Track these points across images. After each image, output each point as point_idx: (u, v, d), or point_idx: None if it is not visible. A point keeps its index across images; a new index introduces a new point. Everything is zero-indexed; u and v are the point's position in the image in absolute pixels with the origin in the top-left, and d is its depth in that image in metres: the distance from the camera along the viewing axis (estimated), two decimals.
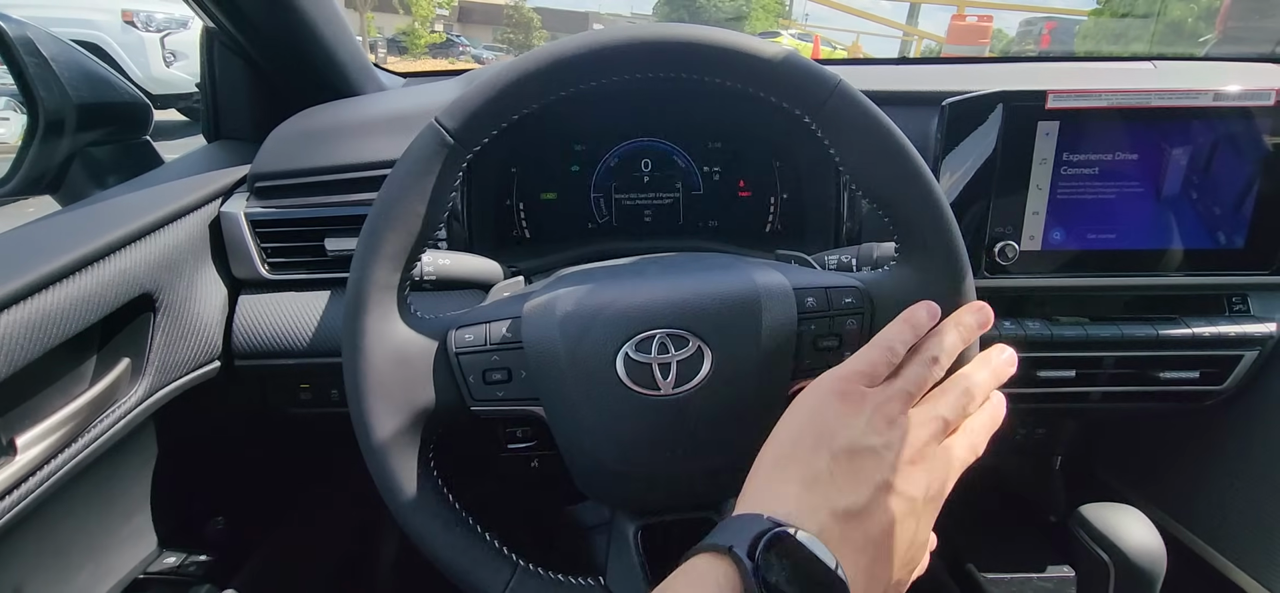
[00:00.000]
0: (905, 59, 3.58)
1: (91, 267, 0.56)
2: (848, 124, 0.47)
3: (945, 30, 9.60)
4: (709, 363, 0.47)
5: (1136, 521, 0.62)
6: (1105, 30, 9.69)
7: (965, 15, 9.33)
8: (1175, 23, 7.29)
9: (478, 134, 0.47)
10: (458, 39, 21.85)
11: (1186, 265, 0.72)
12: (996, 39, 11.41)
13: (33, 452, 0.51)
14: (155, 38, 6.60)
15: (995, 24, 12.03)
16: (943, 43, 11.02)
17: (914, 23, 14.11)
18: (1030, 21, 14.18)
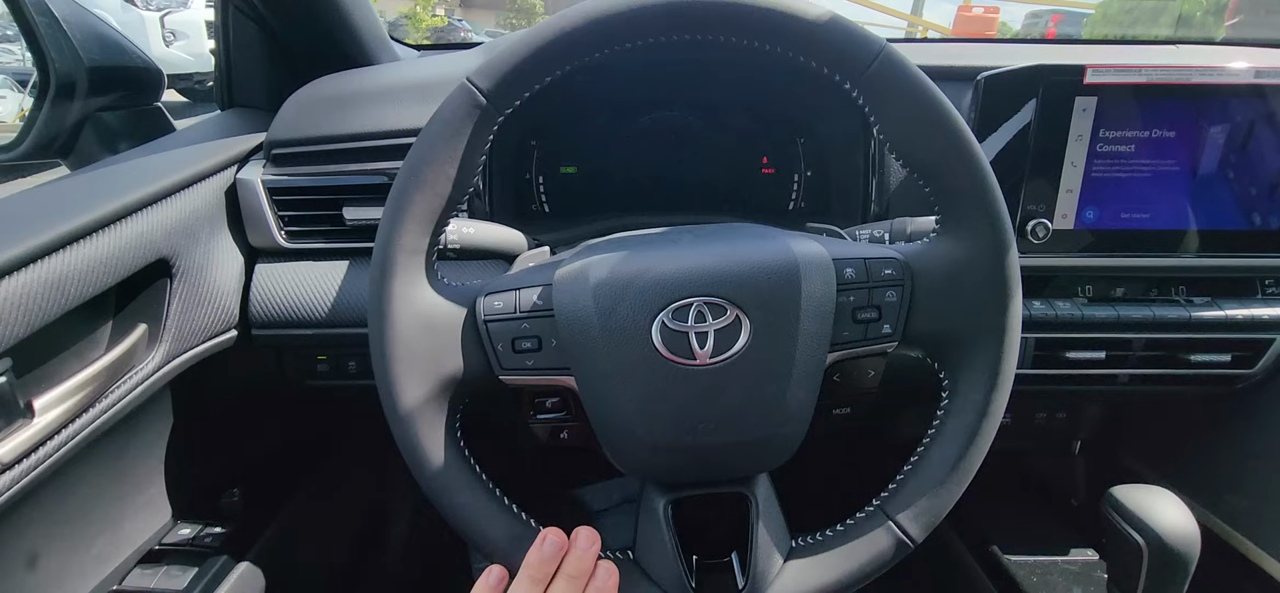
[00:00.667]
0: (913, 39, 3.55)
1: (108, 228, 0.54)
2: (892, 90, 0.45)
3: (951, 22, 9.56)
4: (747, 333, 0.46)
5: (1170, 503, 0.61)
6: (1113, 23, 9.64)
7: (972, 6, 9.29)
8: (1183, 17, 7.24)
9: (511, 95, 0.45)
10: (460, 23, 21.70)
11: (1220, 246, 0.71)
12: (1002, 32, 11.36)
13: (51, 415, 0.50)
14: (155, 16, 6.55)
15: (1001, 17, 11.97)
16: (948, 33, 10.96)
17: (919, 13, 14.04)
18: (1036, 13, 14.10)
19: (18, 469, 0.47)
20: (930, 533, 0.49)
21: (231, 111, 0.84)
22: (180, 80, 6.35)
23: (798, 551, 0.50)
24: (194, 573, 0.67)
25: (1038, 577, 0.79)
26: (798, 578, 0.49)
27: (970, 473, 0.48)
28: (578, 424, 0.52)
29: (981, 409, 0.48)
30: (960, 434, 0.48)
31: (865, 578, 0.49)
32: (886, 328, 0.49)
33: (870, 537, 0.49)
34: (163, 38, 6.49)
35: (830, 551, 0.49)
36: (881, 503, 0.50)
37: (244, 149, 0.72)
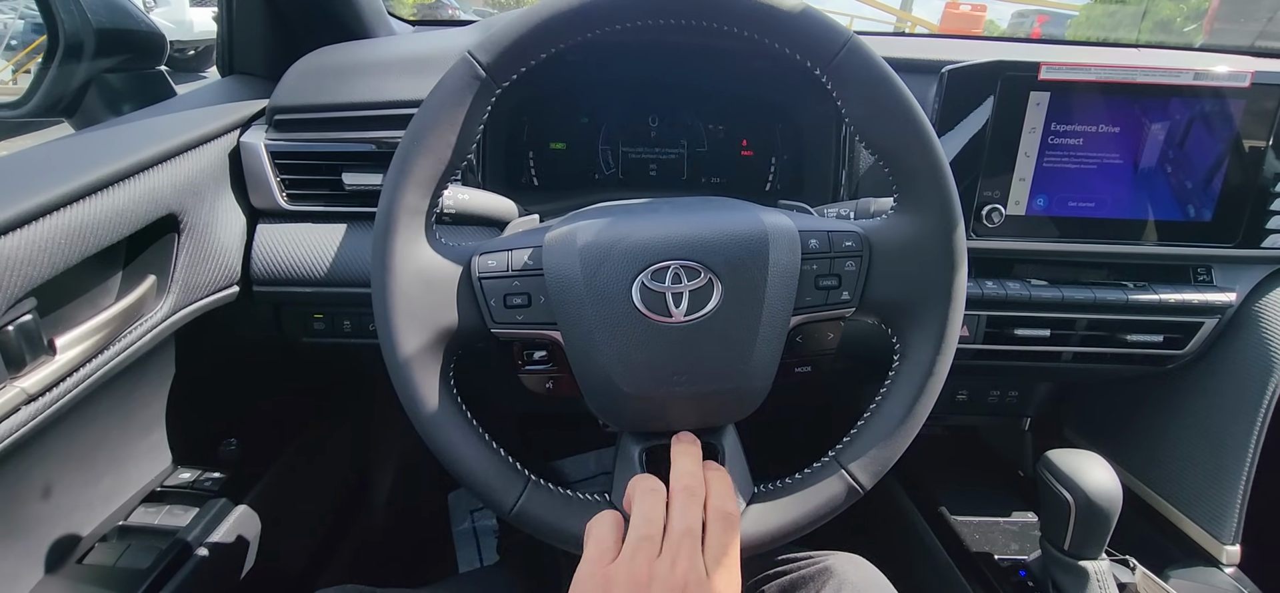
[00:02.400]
0: (901, 33, 3.61)
1: (123, 183, 0.58)
2: (857, 77, 0.50)
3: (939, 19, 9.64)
4: (718, 294, 0.51)
5: (1096, 465, 0.67)
6: (1096, 25, 9.77)
7: (959, 4, 9.36)
8: (1164, 21, 7.36)
9: (509, 69, 0.49)
10: (447, 1, 21.34)
11: (1158, 235, 0.77)
12: (989, 30, 11.47)
13: (71, 353, 0.54)
14: None
15: (988, 15, 12.07)
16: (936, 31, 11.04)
17: (908, 10, 14.12)
18: (1022, 13, 14.21)
19: (41, 401, 0.51)
20: (883, 493, 0.54)
21: (232, 78, 0.87)
22: None
23: (759, 496, 0.55)
24: (194, 513, 0.71)
25: (981, 535, 0.86)
26: (757, 520, 0.54)
27: (916, 426, 0.53)
28: (563, 375, 0.56)
29: (928, 369, 0.53)
30: (908, 392, 0.53)
31: (818, 520, 0.54)
32: (845, 294, 0.54)
33: (824, 484, 0.54)
34: (143, 3, 6.35)
35: (788, 496, 0.54)
36: (835, 454, 0.55)
37: (247, 114, 0.75)
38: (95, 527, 0.66)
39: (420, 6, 9.82)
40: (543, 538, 0.54)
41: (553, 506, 0.54)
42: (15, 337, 0.48)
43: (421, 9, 8.62)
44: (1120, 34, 8.41)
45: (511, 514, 0.53)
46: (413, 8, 7.20)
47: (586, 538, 0.45)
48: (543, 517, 0.54)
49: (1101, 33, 9.22)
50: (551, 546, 0.54)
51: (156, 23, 3.16)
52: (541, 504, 0.54)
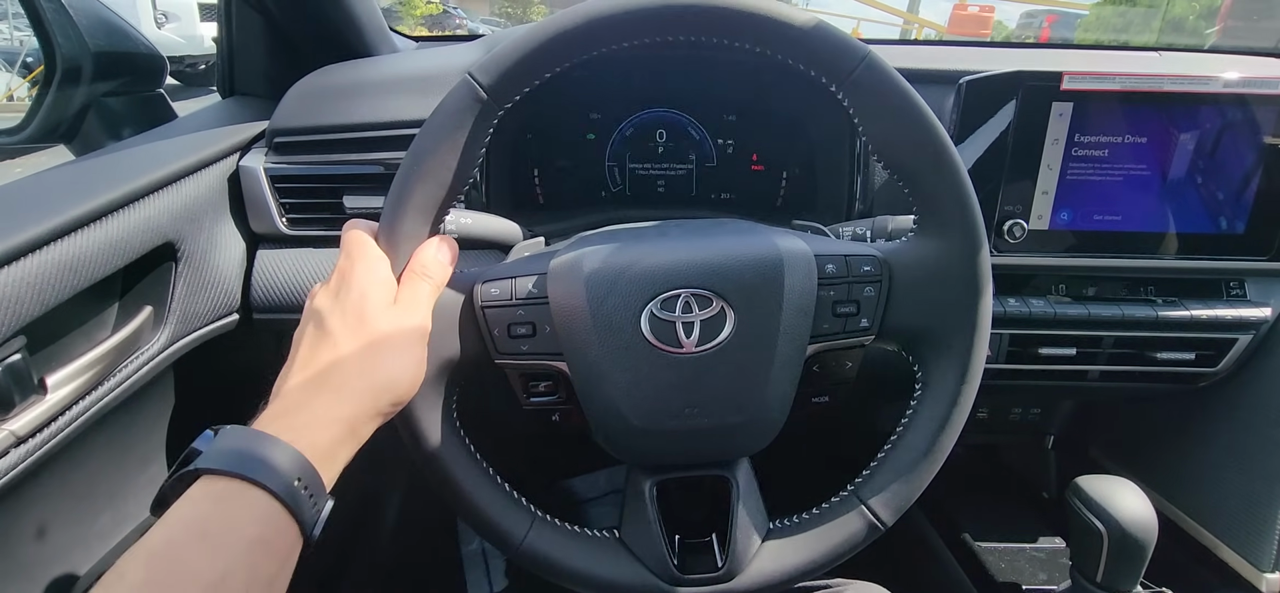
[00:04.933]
0: (905, 40, 3.58)
1: (118, 212, 0.56)
2: (874, 95, 0.48)
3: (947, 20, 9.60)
4: (732, 324, 0.49)
5: (1130, 492, 0.64)
6: (1106, 25, 9.70)
7: (967, 5, 9.32)
8: (1176, 20, 7.29)
9: (510, 90, 0.48)
10: (454, 11, 21.50)
11: (1188, 249, 0.74)
12: (997, 30, 11.41)
13: (62, 392, 0.52)
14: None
15: (996, 16, 12.01)
16: (944, 32, 10.99)
17: (915, 11, 14.05)
18: (1031, 14, 14.13)
19: (31, 443, 0.49)
20: (903, 519, 0.51)
21: (233, 100, 0.85)
22: (172, 63, 6.24)
23: (775, 532, 0.53)
24: None
25: (1006, 563, 0.83)
26: (774, 557, 0.52)
27: (939, 460, 0.51)
28: (569, 407, 0.54)
29: (952, 400, 0.50)
30: (931, 424, 0.51)
31: (838, 558, 0.52)
32: (864, 321, 0.51)
33: (843, 519, 0.51)
34: (154, 19, 6.42)
35: (805, 532, 0.52)
36: (855, 488, 0.52)
37: (246, 137, 0.74)
38: (92, 565, 0.64)
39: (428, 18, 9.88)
40: (550, 579, 0.52)
41: (560, 542, 0.52)
42: (3, 377, 0.47)
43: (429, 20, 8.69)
44: (1132, 34, 8.35)
45: (517, 553, 0.51)
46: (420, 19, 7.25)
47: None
48: (550, 555, 0.52)
49: (1112, 33, 9.15)
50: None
51: (169, 38, 3.20)
52: (548, 541, 0.52)
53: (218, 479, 0.33)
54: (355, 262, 0.45)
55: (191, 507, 0.33)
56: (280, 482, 0.34)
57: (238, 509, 0.33)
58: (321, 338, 0.42)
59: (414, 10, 17.26)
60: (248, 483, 0.33)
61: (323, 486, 0.37)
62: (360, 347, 0.41)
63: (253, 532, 0.33)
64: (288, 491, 0.34)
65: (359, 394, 0.40)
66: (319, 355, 0.41)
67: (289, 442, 0.36)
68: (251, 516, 0.33)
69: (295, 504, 0.34)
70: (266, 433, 0.36)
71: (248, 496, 0.33)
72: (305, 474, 0.35)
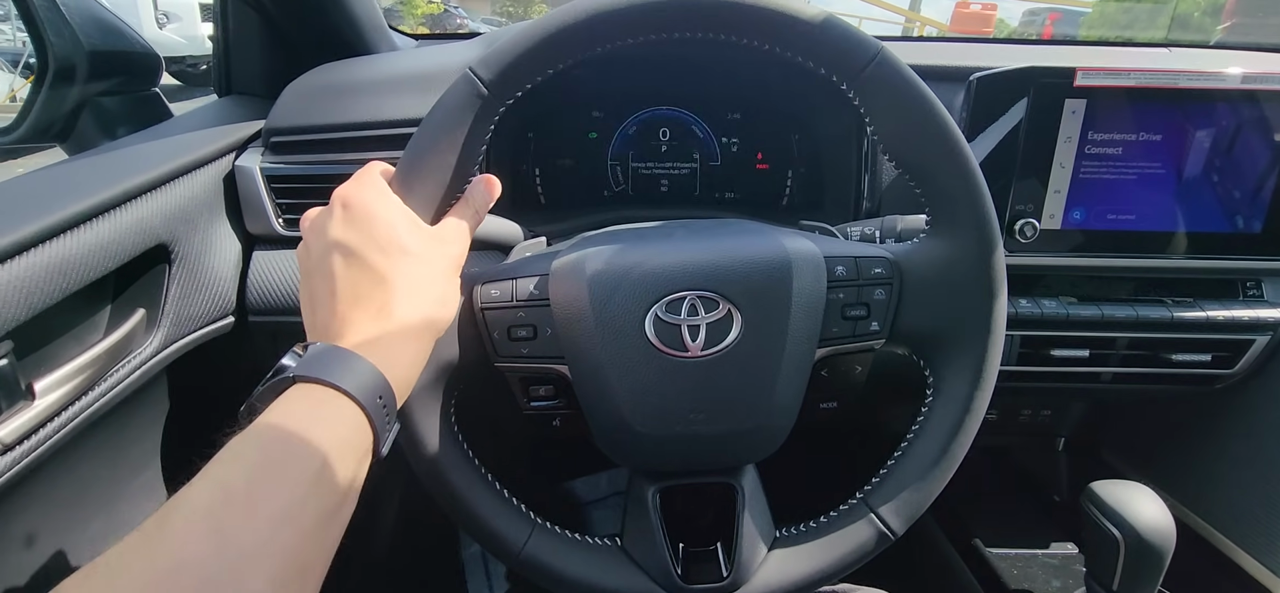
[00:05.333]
0: (909, 37, 3.56)
1: (109, 214, 0.55)
2: (886, 92, 0.46)
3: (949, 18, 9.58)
4: (738, 327, 0.47)
5: (1147, 498, 0.63)
6: (1111, 22, 9.66)
7: (970, 3, 9.29)
8: (1181, 17, 7.26)
9: (512, 86, 0.46)
10: (455, 10, 21.50)
11: (1203, 248, 0.73)
12: (999, 28, 11.36)
13: (50, 398, 0.51)
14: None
15: (999, 14, 11.96)
16: (946, 30, 10.97)
17: (917, 10, 14.00)
18: (1033, 11, 14.08)
19: (18, 451, 0.48)
20: (914, 526, 0.50)
21: (229, 99, 0.84)
22: (173, 63, 6.27)
23: (781, 541, 0.52)
24: None
25: (1019, 570, 0.81)
26: (780, 567, 0.51)
27: (952, 468, 0.49)
28: (570, 412, 0.53)
29: (965, 406, 0.49)
30: (943, 430, 0.49)
31: (846, 569, 0.50)
32: (874, 325, 0.50)
33: (852, 528, 0.50)
34: (155, 19, 6.42)
35: (812, 541, 0.51)
36: (864, 496, 0.51)
37: (242, 136, 0.73)
38: None
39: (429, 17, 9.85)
40: (550, 588, 0.51)
41: (560, 551, 0.51)
42: None
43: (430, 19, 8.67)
44: (1136, 31, 8.31)
45: (517, 561, 0.50)
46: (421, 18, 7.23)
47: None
48: (550, 563, 0.50)
49: (1117, 30, 9.12)
50: None
51: (170, 38, 3.19)
52: (548, 550, 0.51)
53: (313, 386, 0.36)
54: (362, 189, 0.44)
55: (292, 405, 0.35)
56: (367, 395, 0.37)
57: (331, 411, 0.35)
58: (367, 272, 0.41)
59: (415, 9, 17.27)
60: (339, 392, 0.36)
61: (396, 407, 0.40)
62: (412, 278, 0.42)
63: (343, 433, 0.35)
64: (372, 404, 0.37)
65: (423, 327, 0.42)
66: (371, 291, 0.41)
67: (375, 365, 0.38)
68: (341, 418, 0.36)
69: (375, 418, 0.37)
70: (357, 354, 0.38)
71: (339, 402, 0.36)
72: (385, 393, 0.38)
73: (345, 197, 0.44)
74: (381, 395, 0.38)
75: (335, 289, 0.41)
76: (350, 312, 0.40)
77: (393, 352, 0.40)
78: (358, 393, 0.36)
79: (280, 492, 0.31)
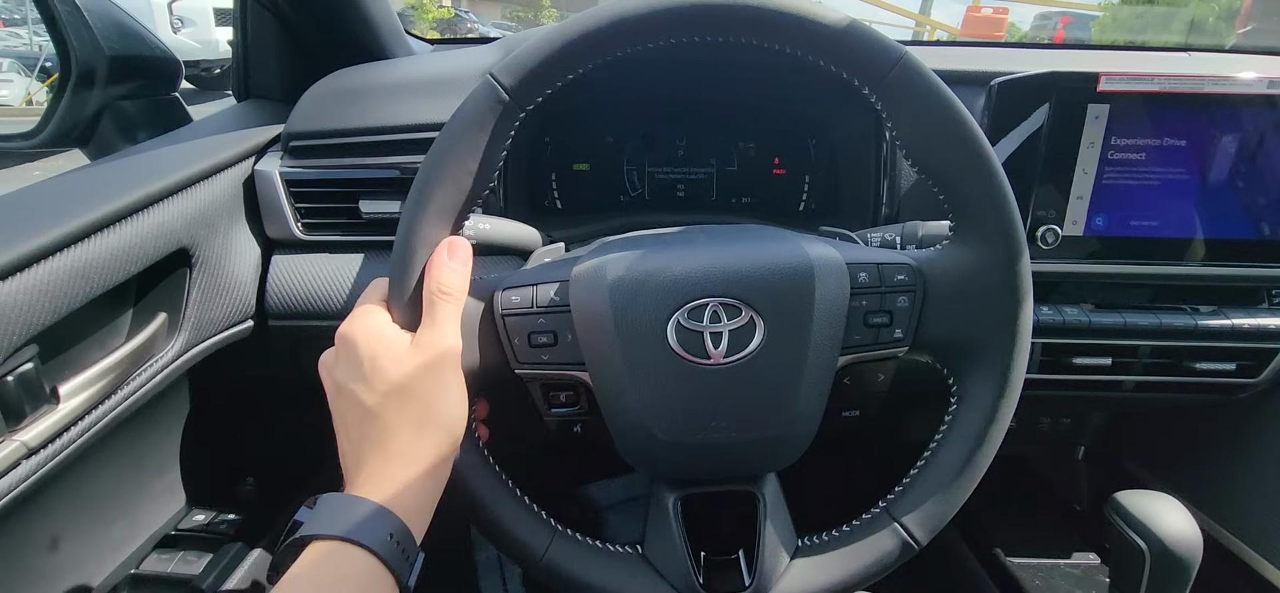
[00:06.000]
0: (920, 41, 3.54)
1: (132, 218, 0.55)
2: (911, 97, 0.46)
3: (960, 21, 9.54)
4: (761, 333, 0.47)
5: (1173, 509, 0.62)
6: (1122, 26, 9.59)
7: (981, 7, 9.25)
8: (1195, 22, 7.18)
9: (533, 92, 0.46)
10: (466, 14, 21.67)
11: (1228, 255, 0.71)
12: (1010, 32, 11.31)
13: (75, 402, 0.51)
14: (163, 2, 6.56)
15: (1010, 17, 11.90)
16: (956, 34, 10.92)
17: (927, 13, 13.95)
18: (1045, 15, 14.01)
19: (43, 454, 0.48)
20: (935, 536, 0.49)
21: (248, 103, 0.85)
22: (188, 67, 6.35)
23: (803, 550, 0.51)
24: (208, 559, 0.68)
25: (1041, 580, 0.80)
26: (803, 577, 0.50)
27: (976, 477, 0.49)
28: (591, 419, 0.53)
29: (989, 415, 0.48)
30: (967, 439, 0.49)
31: (869, 579, 0.50)
32: (898, 332, 0.49)
33: (875, 538, 0.49)
34: (170, 24, 6.50)
35: (835, 551, 0.50)
36: (887, 505, 0.50)
37: (262, 141, 0.73)
38: (106, 576, 0.63)
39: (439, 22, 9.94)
40: None
41: (580, 558, 0.50)
42: (15, 387, 0.46)
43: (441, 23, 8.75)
44: (1149, 35, 8.24)
45: (538, 569, 0.50)
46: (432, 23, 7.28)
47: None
48: (571, 570, 0.50)
49: (1128, 34, 9.05)
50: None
51: (184, 42, 3.22)
52: (569, 556, 0.50)
53: (327, 543, 0.37)
54: (353, 324, 0.45)
55: (306, 568, 0.36)
56: (379, 542, 0.38)
57: (344, 565, 0.37)
58: (361, 413, 0.43)
59: (426, 13, 17.37)
60: (351, 544, 0.37)
61: (414, 540, 0.41)
62: (404, 410, 0.43)
63: (358, 585, 0.37)
64: (385, 547, 0.38)
65: (426, 448, 0.42)
66: (369, 430, 0.42)
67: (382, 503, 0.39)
68: (354, 570, 0.37)
69: (392, 559, 0.38)
70: (363, 499, 0.39)
71: (351, 554, 0.37)
72: (398, 531, 0.39)
73: (341, 333, 0.45)
74: (393, 534, 0.38)
75: (345, 429, 0.44)
76: (358, 451, 0.42)
77: (400, 486, 0.40)
78: (370, 542, 0.37)
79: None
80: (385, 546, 0.38)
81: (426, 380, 0.43)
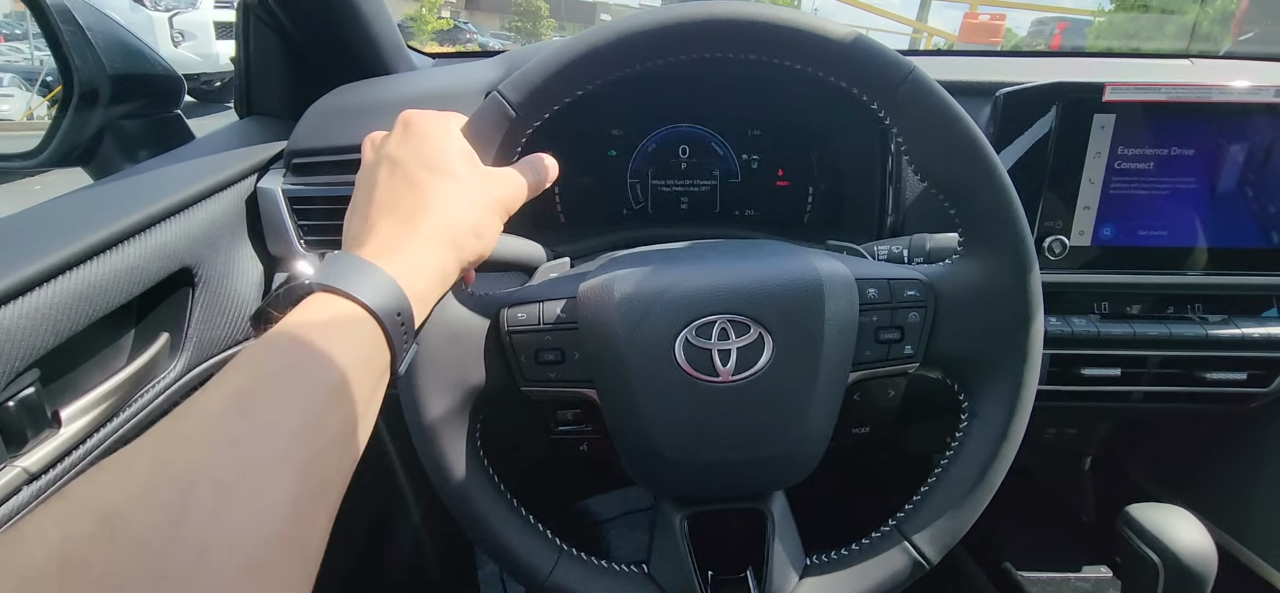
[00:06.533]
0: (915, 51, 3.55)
1: (134, 239, 0.55)
2: (920, 112, 0.46)
3: (957, 28, 9.58)
4: (770, 351, 0.46)
5: (1186, 522, 0.61)
6: (1118, 31, 9.63)
7: (978, 13, 9.30)
8: (1188, 26, 7.21)
9: (540, 108, 0.46)
10: (465, 25, 21.78)
11: (1237, 264, 0.71)
12: (1007, 38, 11.34)
13: (76, 425, 0.50)
14: (164, 17, 6.59)
15: (1006, 23, 11.94)
16: (954, 40, 10.97)
17: (924, 19, 14.00)
18: (1042, 21, 14.08)
19: (44, 479, 0.48)
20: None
21: (250, 119, 0.84)
22: (189, 80, 6.40)
23: (813, 569, 0.51)
24: None
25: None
26: None
27: (989, 495, 0.48)
28: (598, 437, 0.52)
29: (1002, 431, 0.48)
30: (979, 456, 0.48)
31: None
32: (908, 348, 0.49)
33: (886, 557, 0.49)
34: (171, 38, 6.53)
35: (845, 569, 0.50)
36: (898, 523, 0.50)
37: (264, 158, 0.73)
38: None
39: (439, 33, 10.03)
40: None
41: (586, 579, 0.50)
42: (16, 412, 0.45)
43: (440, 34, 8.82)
44: (1143, 40, 8.28)
45: (544, 589, 0.49)
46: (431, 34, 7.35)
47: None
48: (578, 591, 0.49)
49: (1124, 39, 9.09)
50: None
51: (185, 56, 3.23)
52: (575, 577, 0.50)
53: (332, 297, 0.34)
54: (440, 120, 0.44)
55: (310, 315, 0.33)
56: (386, 312, 0.35)
57: (349, 326, 0.34)
58: (406, 183, 0.41)
59: (426, 25, 17.45)
60: (358, 305, 0.34)
61: (414, 327, 0.38)
62: (448, 196, 0.41)
63: (362, 351, 0.34)
64: (392, 322, 0.35)
65: (449, 245, 0.41)
66: (404, 200, 0.40)
67: (395, 279, 0.37)
68: (360, 335, 0.34)
69: (393, 337, 0.35)
70: (375, 265, 0.36)
71: (358, 316, 0.34)
72: (403, 311, 0.37)
73: (408, 117, 0.44)
74: (400, 313, 0.36)
75: (372, 197, 0.41)
76: (379, 220, 0.40)
77: (413, 261, 0.38)
78: (377, 308, 0.35)
79: (298, 404, 0.29)
80: (392, 321, 0.35)
81: (482, 191, 0.43)
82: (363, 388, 0.33)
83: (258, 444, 0.27)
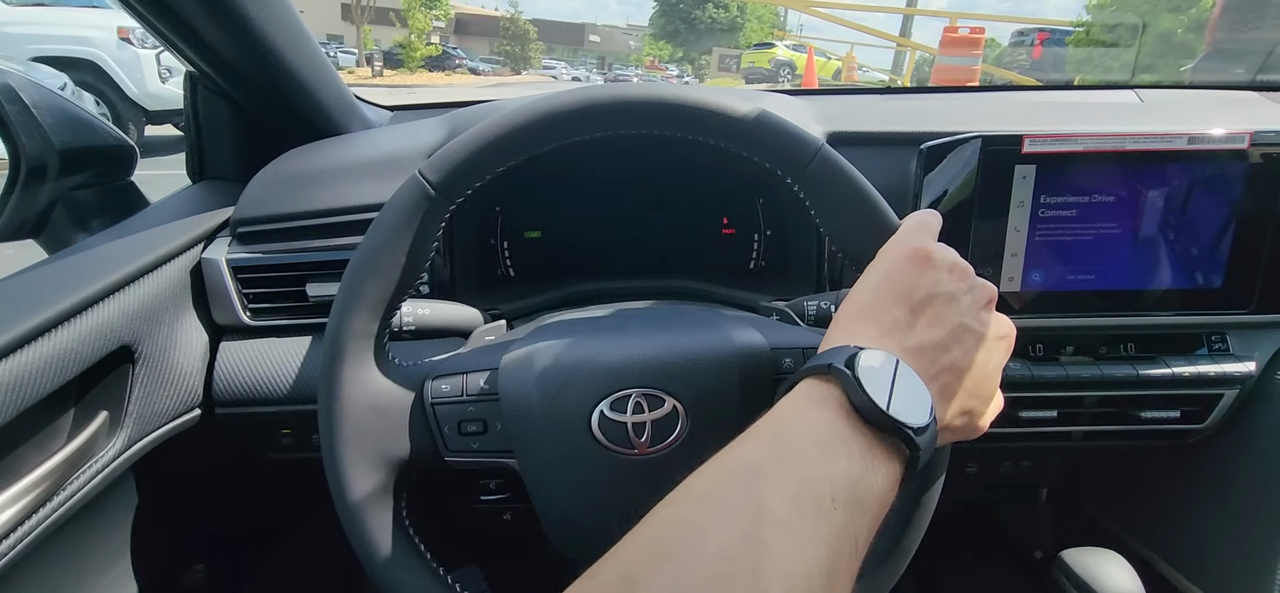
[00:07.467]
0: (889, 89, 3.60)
1: (69, 322, 0.55)
2: (828, 187, 0.47)
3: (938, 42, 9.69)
4: (684, 423, 0.47)
5: (1117, 565, 0.62)
6: (1096, 41, 9.81)
7: (958, 28, 9.41)
8: (1164, 34, 7.34)
9: (460, 187, 0.47)
10: (454, 51, 21.96)
11: (1166, 305, 0.73)
12: (990, 48, 11.50)
13: (8, 513, 0.51)
14: (151, 54, 6.61)
15: (987, 34, 12.08)
16: (935, 53, 11.11)
17: (907, 35, 14.20)
18: (1023, 31, 14.25)
19: None
20: None
21: (203, 185, 0.86)
22: (177, 115, 6.39)
23: None
24: None
25: None
26: None
27: (905, 561, 0.49)
28: (522, 506, 0.53)
29: (915, 498, 0.49)
30: (894, 524, 0.49)
31: None
32: None
33: None
34: (159, 74, 6.54)
35: None
36: None
37: (210, 227, 0.74)
38: None
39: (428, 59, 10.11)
40: None
41: None
42: None
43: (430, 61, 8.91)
44: (1122, 45, 8.41)
45: None
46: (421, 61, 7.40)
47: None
48: None
49: (1100, 50, 9.23)
50: None
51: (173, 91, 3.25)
52: None
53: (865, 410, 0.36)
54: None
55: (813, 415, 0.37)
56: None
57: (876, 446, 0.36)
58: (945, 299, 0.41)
59: (415, 52, 17.59)
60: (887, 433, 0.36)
61: None
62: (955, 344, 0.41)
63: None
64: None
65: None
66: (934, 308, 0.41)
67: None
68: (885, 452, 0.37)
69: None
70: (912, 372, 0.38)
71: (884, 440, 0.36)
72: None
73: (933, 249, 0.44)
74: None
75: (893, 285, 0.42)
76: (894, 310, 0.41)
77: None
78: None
79: None
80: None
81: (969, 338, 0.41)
82: None
83: None
